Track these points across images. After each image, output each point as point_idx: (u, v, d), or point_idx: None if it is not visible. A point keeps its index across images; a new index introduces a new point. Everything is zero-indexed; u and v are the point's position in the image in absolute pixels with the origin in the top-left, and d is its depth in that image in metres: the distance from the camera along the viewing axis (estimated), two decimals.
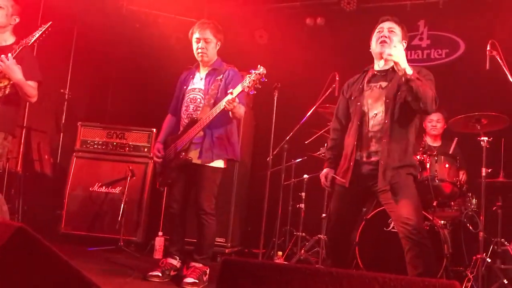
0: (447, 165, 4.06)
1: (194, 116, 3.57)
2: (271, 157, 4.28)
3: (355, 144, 2.97)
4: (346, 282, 1.18)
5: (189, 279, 3.41)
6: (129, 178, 4.76)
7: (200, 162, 3.51)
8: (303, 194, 4.81)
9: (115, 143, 5.12)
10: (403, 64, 2.68)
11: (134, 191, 4.87)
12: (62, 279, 1.46)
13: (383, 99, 2.93)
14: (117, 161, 5.03)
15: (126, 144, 5.11)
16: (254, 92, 3.40)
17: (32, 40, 3.29)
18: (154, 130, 5.00)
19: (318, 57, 5.42)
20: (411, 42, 5.57)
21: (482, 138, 3.66)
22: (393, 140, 2.87)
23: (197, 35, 3.65)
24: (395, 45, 2.79)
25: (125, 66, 6.19)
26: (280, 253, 4.53)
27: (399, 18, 5.46)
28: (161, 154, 3.66)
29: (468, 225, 4.07)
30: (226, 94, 3.46)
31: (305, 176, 4.82)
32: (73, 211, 4.89)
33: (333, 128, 3.32)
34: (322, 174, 3.25)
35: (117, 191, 4.91)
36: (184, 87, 3.74)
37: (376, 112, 2.95)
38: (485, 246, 3.64)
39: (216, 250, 4.54)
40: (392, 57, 2.71)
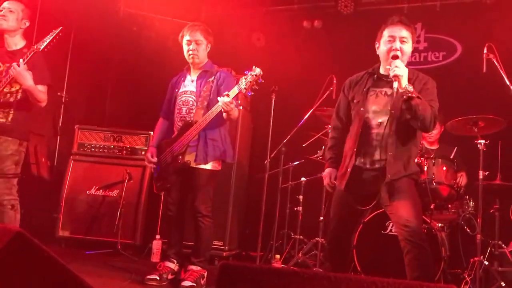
0: (444, 168, 4.06)
1: (187, 119, 3.58)
2: (269, 160, 4.28)
3: (355, 151, 2.90)
4: (344, 286, 1.18)
5: (187, 283, 3.41)
6: (126, 181, 4.76)
7: (195, 164, 3.52)
8: (301, 197, 4.81)
9: (112, 146, 5.12)
10: (405, 82, 2.69)
11: (131, 194, 4.86)
12: (60, 284, 1.46)
13: (388, 108, 2.86)
14: (114, 164, 5.02)
15: (123, 147, 5.11)
16: (252, 93, 3.41)
17: (43, 46, 3.30)
18: (152, 133, 4.98)
19: (316, 60, 5.43)
20: None
21: (479, 141, 3.67)
22: (399, 151, 2.83)
23: (188, 37, 3.66)
24: (398, 66, 2.74)
25: (122, 69, 6.19)
26: (278, 256, 4.53)
27: None
28: (154, 159, 3.65)
29: (465, 227, 4.07)
30: (218, 95, 3.48)
31: (303, 179, 4.82)
32: (70, 214, 4.87)
33: (333, 126, 3.24)
34: (325, 174, 3.16)
35: (114, 194, 4.90)
36: (176, 90, 3.75)
37: (380, 121, 2.87)
38: (482, 248, 3.65)
39: (213, 253, 4.54)
40: (397, 77, 2.68)
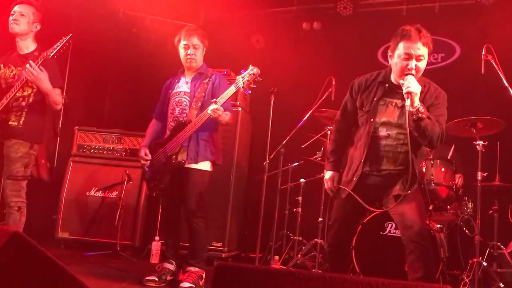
0: (443, 169, 4.07)
1: (181, 119, 3.59)
2: (268, 161, 4.27)
3: (363, 161, 2.86)
4: (340, 286, 1.19)
5: (186, 284, 3.41)
6: (125, 182, 4.76)
7: (186, 164, 3.54)
8: (300, 198, 4.81)
9: (111, 148, 5.13)
10: (417, 101, 2.64)
11: (130, 196, 4.87)
12: (56, 285, 1.46)
13: (398, 121, 2.82)
14: (113, 166, 5.03)
15: (122, 148, 5.11)
16: (250, 92, 3.43)
17: (53, 52, 3.33)
18: None
19: (315, 61, 5.43)
20: None
21: (477, 142, 3.68)
22: (408, 162, 2.77)
23: (185, 41, 3.69)
24: (412, 84, 2.66)
25: (122, 71, 6.19)
26: (277, 257, 4.52)
27: (395, 22, 5.52)
28: (149, 157, 3.66)
29: (464, 228, 4.08)
30: (213, 97, 3.52)
31: (302, 180, 4.82)
32: (69, 215, 4.88)
33: (337, 128, 3.15)
34: (327, 178, 3.12)
35: (113, 196, 4.90)
36: (170, 91, 3.77)
37: (389, 133, 2.83)
38: (481, 249, 3.65)
39: (212, 255, 4.54)
40: (410, 94, 2.63)
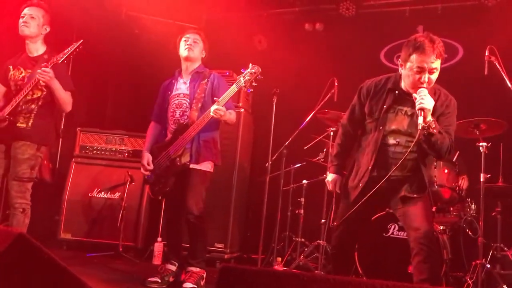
0: (446, 171, 4.06)
1: (182, 122, 3.59)
2: (270, 162, 4.28)
3: (370, 168, 2.84)
4: None
5: (188, 284, 3.41)
6: (128, 183, 4.76)
7: (190, 165, 3.54)
8: (302, 199, 4.80)
9: (114, 149, 5.13)
10: (429, 117, 2.61)
11: (133, 197, 4.87)
12: (61, 286, 1.46)
13: (407, 129, 2.80)
14: (116, 167, 5.03)
15: (125, 149, 5.12)
16: (251, 90, 3.44)
17: (63, 58, 3.36)
18: None
19: (317, 63, 5.43)
20: None
21: (480, 144, 3.67)
22: (417, 169, 2.80)
23: (187, 35, 3.74)
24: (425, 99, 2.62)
25: (124, 72, 6.19)
26: (279, 259, 4.52)
27: (398, 23, 5.53)
28: (151, 167, 3.64)
29: (467, 230, 4.07)
30: (212, 98, 3.53)
31: (304, 181, 4.81)
32: (72, 216, 4.88)
33: (344, 132, 3.11)
34: (330, 181, 3.13)
35: (116, 197, 4.90)
36: (168, 92, 3.76)
37: (398, 140, 2.81)
38: (484, 251, 3.64)
39: (215, 256, 4.55)
40: (423, 110, 2.59)
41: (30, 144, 3.49)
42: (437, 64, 2.69)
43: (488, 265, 3.75)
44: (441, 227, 3.98)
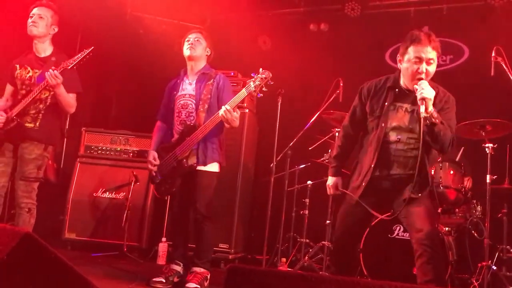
0: (451, 172, 4.04)
1: (188, 123, 3.60)
2: (275, 163, 4.27)
3: (372, 166, 2.84)
4: None
5: (191, 284, 3.41)
6: (132, 183, 4.77)
7: (196, 167, 3.54)
8: (307, 200, 4.79)
9: (119, 149, 5.14)
10: (431, 107, 2.64)
11: (137, 197, 4.87)
12: (67, 285, 1.47)
13: (408, 125, 2.82)
14: (120, 167, 5.04)
15: (130, 149, 5.13)
16: (261, 95, 3.44)
17: (73, 64, 3.37)
18: None
19: (322, 63, 5.42)
20: None
21: (487, 145, 3.65)
22: (420, 168, 2.75)
23: (189, 35, 3.75)
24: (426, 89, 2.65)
25: (129, 71, 6.20)
26: (284, 259, 4.51)
27: (403, 24, 5.52)
28: (157, 162, 3.66)
29: (473, 232, 4.05)
30: (218, 99, 3.54)
31: (309, 182, 4.80)
32: (76, 216, 4.88)
33: (345, 134, 3.13)
34: (330, 184, 3.15)
35: (120, 197, 4.91)
36: (174, 92, 3.77)
37: (399, 137, 2.82)
38: (490, 253, 3.62)
39: (219, 256, 4.54)
40: (424, 100, 2.62)
41: (38, 144, 3.50)
42: (433, 55, 2.74)
43: (494, 267, 3.74)
44: (447, 228, 3.97)
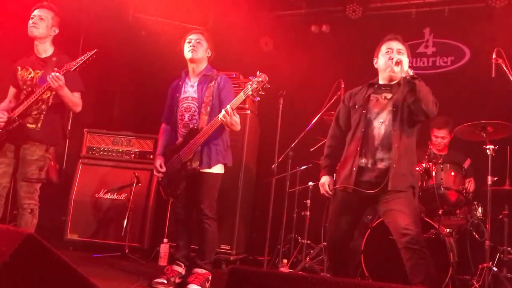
0: (452, 173, 4.04)
1: (191, 126, 3.60)
2: (276, 164, 4.28)
3: (359, 150, 3.02)
4: None
5: (193, 286, 3.41)
6: (134, 184, 4.78)
7: (200, 169, 3.55)
8: (308, 201, 4.79)
9: (121, 150, 5.15)
10: (406, 67, 2.93)
11: (139, 198, 4.88)
12: (70, 286, 1.48)
13: (389, 108, 3.03)
14: (122, 168, 5.05)
15: (132, 150, 5.14)
16: (258, 99, 3.44)
17: (75, 67, 3.36)
18: None
19: (323, 65, 5.43)
20: (416, 49, 5.58)
21: (487, 146, 3.65)
22: (402, 147, 2.96)
23: (190, 37, 3.74)
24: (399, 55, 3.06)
25: (131, 73, 6.22)
26: (285, 260, 4.51)
27: (405, 25, 5.55)
28: (163, 169, 3.65)
29: (474, 233, 4.05)
30: (220, 100, 3.54)
31: (310, 183, 4.80)
32: (78, 217, 4.90)
33: (332, 135, 3.35)
34: (322, 183, 3.26)
35: (122, 198, 4.92)
36: (177, 94, 3.76)
37: (382, 121, 3.03)
38: (491, 254, 3.62)
39: (221, 257, 4.55)
40: (400, 62, 2.94)
41: (39, 145, 3.51)
42: (402, 47, 3.11)
43: (495, 269, 3.73)
44: (448, 229, 3.98)
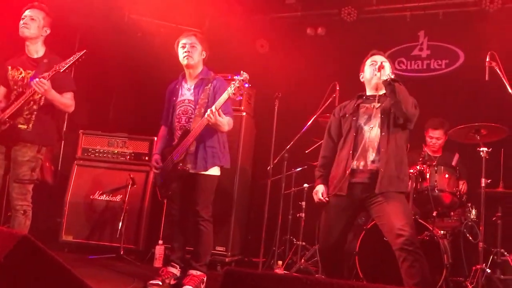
0: (447, 175, 4.07)
1: (187, 127, 3.61)
2: (272, 166, 4.29)
3: (351, 154, 3.10)
4: None
5: (188, 287, 3.42)
6: (129, 186, 4.77)
7: (195, 171, 3.56)
8: (303, 203, 4.81)
9: (116, 151, 5.14)
10: (388, 71, 3.13)
11: (134, 200, 4.88)
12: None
13: (378, 115, 3.15)
14: (118, 169, 5.04)
15: (127, 152, 5.13)
16: (241, 98, 3.48)
17: (65, 68, 3.35)
18: (155, 138, 4.98)
19: (319, 67, 5.45)
20: (411, 52, 5.62)
21: (481, 149, 3.67)
22: (391, 150, 3.05)
23: (183, 41, 3.73)
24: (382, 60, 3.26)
25: (127, 75, 6.21)
26: (280, 262, 4.53)
27: (399, 28, 5.58)
28: (160, 165, 3.69)
29: (468, 235, 4.07)
30: (215, 102, 3.52)
31: (305, 185, 4.81)
32: (73, 219, 4.89)
33: (325, 145, 3.44)
34: (316, 191, 3.31)
35: (117, 199, 4.91)
36: (174, 98, 3.78)
37: (372, 126, 3.13)
38: (485, 256, 3.65)
39: (216, 259, 4.55)
40: (383, 67, 3.12)
41: (31, 146, 3.49)
42: (384, 59, 3.27)
43: (489, 270, 3.76)
44: (442, 231, 4.00)
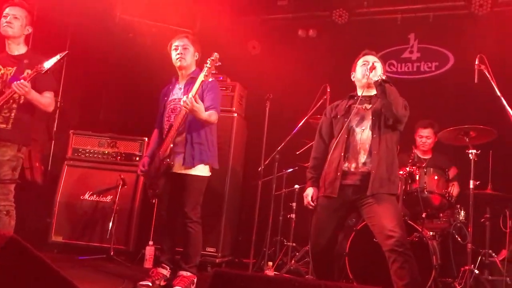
0: (436, 177, 4.10)
1: (172, 123, 3.61)
2: (263, 167, 4.30)
3: (342, 155, 3.11)
4: None
5: None
6: (120, 187, 4.76)
7: (183, 168, 3.55)
8: (294, 204, 4.81)
9: (106, 152, 5.12)
10: (380, 71, 3.14)
11: (125, 200, 4.86)
12: None
13: (370, 117, 3.16)
14: (108, 170, 5.02)
15: (117, 152, 5.11)
16: (213, 79, 3.51)
17: (46, 68, 3.33)
18: (146, 139, 5.00)
19: (310, 69, 5.47)
20: (401, 54, 5.65)
21: (470, 151, 3.71)
22: (382, 152, 3.06)
23: (175, 43, 3.75)
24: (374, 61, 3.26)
25: (118, 75, 6.18)
26: (271, 263, 4.52)
27: (390, 31, 5.61)
28: (145, 169, 3.68)
29: (456, 236, 4.10)
30: (203, 101, 3.52)
31: (296, 186, 4.83)
32: (63, 219, 4.86)
33: (316, 146, 3.44)
34: (306, 193, 3.30)
35: (108, 200, 4.89)
36: (165, 98, 3.79)
37: (363, 128, 3.15)
38: (473, 257, 3.67)
39: (206, 260, 4.55)
40: (374, 68, 3.14)
41: (11, 145, 3.42)
42: (376, 59, 3.27)
43: (477, 271, 3.80)
44: (431, 233, 4.03)
